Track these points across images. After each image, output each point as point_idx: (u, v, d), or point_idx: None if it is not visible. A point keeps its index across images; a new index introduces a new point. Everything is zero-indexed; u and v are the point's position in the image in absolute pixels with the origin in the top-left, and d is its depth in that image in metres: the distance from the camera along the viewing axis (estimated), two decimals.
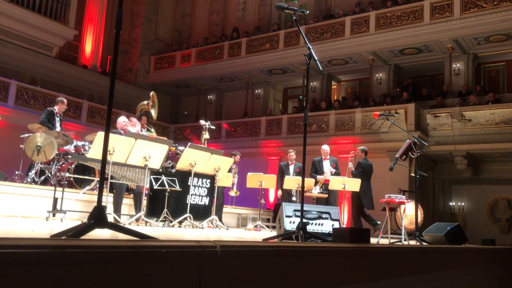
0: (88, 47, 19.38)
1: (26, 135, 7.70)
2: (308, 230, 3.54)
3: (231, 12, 20.77)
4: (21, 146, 7.82)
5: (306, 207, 4.33)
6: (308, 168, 8.43)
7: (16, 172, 8.51)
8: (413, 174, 6.04)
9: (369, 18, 15.50)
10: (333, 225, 4.49)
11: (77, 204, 6.81)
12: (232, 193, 9.14)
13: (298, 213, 4.01)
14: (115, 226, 2.13)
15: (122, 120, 6.84)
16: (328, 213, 4.56)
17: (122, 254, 1.49)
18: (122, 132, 6.57)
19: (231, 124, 17.84)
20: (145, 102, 8.72)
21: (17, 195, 6.44)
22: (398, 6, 15.20)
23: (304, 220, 3.52)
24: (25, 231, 3.22)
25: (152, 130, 8.08)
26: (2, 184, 6.68)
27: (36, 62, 16.97)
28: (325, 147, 8.73)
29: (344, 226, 7.77)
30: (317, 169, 8.45)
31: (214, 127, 9.25)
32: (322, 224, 4.45)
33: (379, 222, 7.52)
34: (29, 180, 7.78)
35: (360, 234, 3.34)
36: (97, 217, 1.97)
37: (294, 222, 4.27)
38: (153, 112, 8.35)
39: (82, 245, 1.41)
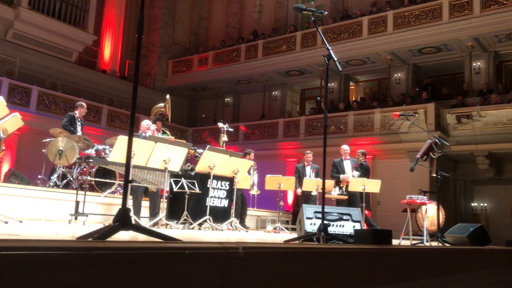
0: (106, 52, 19.63)
1: (48, 139, 7.83)
2: (329, 232, 3.52)
3: (248, 15, 20.82)
4: (43, 150, 7.95)
5: (327, 208, 4.31)
6: (329, 169, 8.38)
7: (39, 176, 8.64)
8: (434, 175, 5.96)
9: (387, 18, 15.38)
10: (354, 226, 4.46)
11: (98, 207, 6.89)
12: (253, 192, 9.09)
13: (319, 215, 3.99)
14: (140, 228, 2.16)
15: (145, 123, 6.93)
16: (349, 214, 4.53)
17: (147, 256, 1.51)
18: (145, 135, 6.64)
19: (249, 126, 17.86)
20: (161, 104, 8.79)
21: (40, 198, 6.55)
22: (416, 5, 15.05)
23: (325, 222, 3.51)
24: (50, 233, 3.28)
25: (168, 133, 8.13)
26: (25, 188, 6.80)
27: (57, 68, 17.26)
28: (345, 147, 8.65)
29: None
30: (338, 170, 8.38)
31: (232, 130, 9.28)
32: (343, 226, 4.42)
33: (377, 227, 7.49)
34: (51, 184, 7.90)
35: (382, 235, 3.31)
36: (122, 219, 1.99)
37: (314, 224, 4.25)
38: (169, 115, 8.41)
39: (108, 247, 1.43)
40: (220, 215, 7.50)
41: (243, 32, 20.61)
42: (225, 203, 7.75)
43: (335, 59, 3.60)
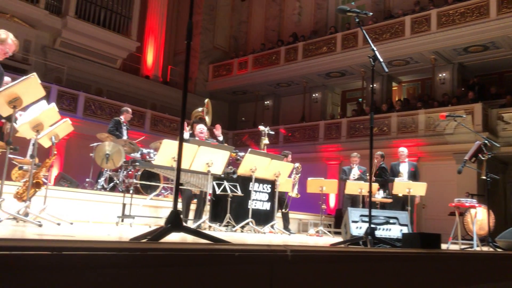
0: (149, 58, 20.12)
1: (95, 144, 8.08)
2: (376, 236, 3.46)
3: (287, 17, 20.81)
4: (90, 154, 8.22)
5: (373, 212, 4.24)
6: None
7: (87, 180, 8.94)
8: (484, 177, 5.75)
9: (430, 17, 14.99)
10: (401, 230, 4.36)
11: (144, 210, 7.05)
12: (293, 194, 9.04)
13: (365, 218, 3.93)
14: (191, 230, 2.19)
15: (199, 128, 7.09)
16: (396, 218, 4.43)
17: (198, 257, 1.53)
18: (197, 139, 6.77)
19: (289, 129, 17.83)
20: (200, 109, 8.90)
21: (88, 201, 6.77)
22: (461, 3, 14.58)
23: (372, 225, 3.45)
24: (101, 235, 3.38)
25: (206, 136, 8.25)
26: (74, 191, 7.05)
27: (102, 74, 17.83)
28: (402, 149, 8.45)
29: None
30: (394, 173, 8.21)
31: (273, 133, 9.28)
32: (390, 229, 4.33)
33: None
34: (98, 187, 8.15)
35: (430, 239, 3.22)
36: (174, 222, 2.03)
37: (360, 228, 4.19)
38: (207, 119, 8.45)
39: (162, 248, 1.46)
40: (262, 218, 7.52)
41: (282, 35, 20.61)
42: (267, 206, 7.76)
43: (381, 60, 3.54)
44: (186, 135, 7.07)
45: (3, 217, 4.26)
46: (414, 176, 8.15)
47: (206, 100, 8.84)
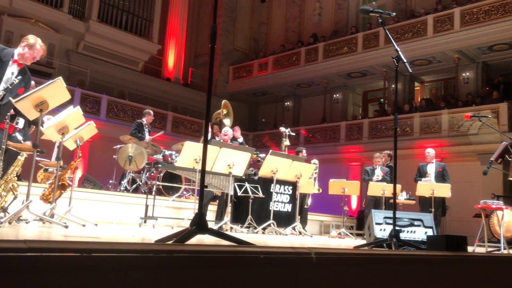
0: (170, 60, 20.32)
1: (118, 146, 8.18)
2: (401, 238, 3.41)
3: (307, 18, 20.74)
4: (114, 156, 8.32)
5: (397, 214, 4.19)
6: (399, 175, 8.14)
7: (110, 181, 9.05)
8: (510, 178, 5.63)
9: (453, 15, 14.75)
10: (426, 232, 4.30)
11: (166, 211, 7.11)
12: (315, 190, 8.95)
13: (389, 220, 3.88)
14: (215, 232, 2.20)
15: (224, 130, 7.16)
16: (421, 220, 4.37)
17: (224, 259, 1.53)
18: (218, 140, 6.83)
19: (310, 130, 17.76)
20: (218, 111, 8.95)
21: (112, 202, 6.86)
22: (485, 0, 14.30)
23: (396, 227, 3.41)
24: (126, 236, 3.42)
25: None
26: (98, 192, 7.15)
27: (124, 77, 18.09)
28: (429, 150, 8.31)
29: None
30: (421, 174, 8.09)
31: (294, 134, 9.25)
32: (414, 232, 4.27)
33: None
34: (122, 188, 8.25)
35: (456, 242, 3.17)
36: (199, 223, 2.04)
37: (384, 230, 4.14)
38: (228, 121, 8.42)
39: (188, 250, 1.47)
40: (283, 219, 7.50)
41: (302, 35, 20.55)
42: (288, 207, 7.74)
43: (405, 60, 3.49)
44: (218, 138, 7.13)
45: (30, 218, 4.35)
46: (442, 176, 8.00)
47: (223, 102, 8.87)
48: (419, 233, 4.31)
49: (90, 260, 1.32)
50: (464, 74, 15.97)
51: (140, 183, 8.19)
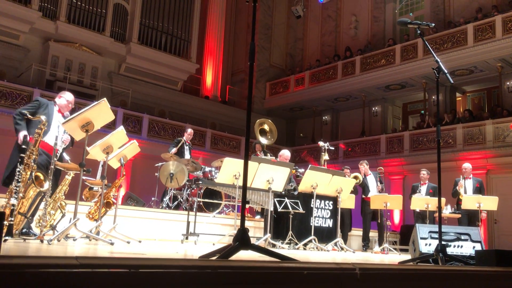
0: (208, 79, 20.69)
1: (160, 163, 8.35)
2: (447, 253, 3.31)
3: (343, 32, 20.69)
4: (156, 174, 8.50)
5: (443, 228, 4.07)
6: (444, 187, 7.95)
7: (152, 199, 9.23)
8: None
9: (495, 23, 14.35)
10: (474, 247, 4.14)
11: (207, 227, 7.17)
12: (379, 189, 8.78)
13: (434, 235, 3.77)
14: (259, 248, 2.21)
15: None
16: (468, 234, 4.22)
17: (268, 275, 1.54)
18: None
19: (348, 144, 17.56)
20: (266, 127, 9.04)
21: (154, 219, 6.98)
22: None
23: (443, 242, 3.31)
24: (170, 253, 3.47)
25: (268, 155, 8.37)
26: (141, 210, 7.30)
27: (164, 96, 18.54)
28: (465, 165, 8.11)
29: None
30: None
31: (332, 148, 9.18)
32: (461, 246, 4.13)
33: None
34: (164, 205, 8.40)
35: (507, 257, 3.04)
36: (242, 239, 2.06)
37: (430, 244, 4.02)
38: (264, 140, 8.20)
39: (232, 266, 1.48)
40: (324, 235, 7.42)
41: (339, 49, 20.48)
42: (329, 223, 7.65)
43: (446, 71, 3.43)
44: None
45: (77, 236, 4.49)
46: (479, 192, 7.77)
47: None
48: (467, 248, 4.16)
49: (138, 275, 1.36)
50: (508, 83, 15.46)
51: (182, 200, 8.30)
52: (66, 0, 15.94)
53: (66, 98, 4.94)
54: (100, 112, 4.23)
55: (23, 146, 4.12)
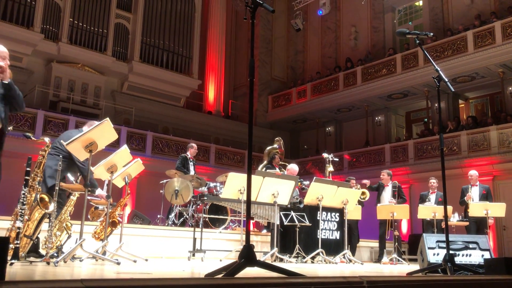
0: (211, 94, 20.80)
1: (165, 180, 8.35)
2: (456, 262, 3.28)
3: (343, 43, 20.78)
4: (160, 191, 8.49)
5: (450, 236, 4.03)
6: (451, 195, 7.93)
7: (158, 216, 9.21)
8: None
9: (494, 29, 14.38)
10: (483, 255, 4.10)
11: (214, 243, 7.14)
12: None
13: (442, 244, 3.74)
14: (265, 264, 2.20)
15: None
16: (476, 242, 4.18)
17: None
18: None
19: (353, 154, 17.52)
20: (276, 146, 9.25)
21: (160, 237, 6.96)
22: None
23: (450, 251, 3.28)
24: (176, 271, 3.46)
25: (284, 169, 8.48)
26: (147, 228, 7.28)
27: (167, 113, 18.62)
28: (471, 173, 8.10)
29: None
30: (463, 196, 7.86)
31: (337, 159, 9.18)
32: (470, 255, 4.09)
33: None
34: (169, 222, 8.37)
35: None
36: (247, 256, 2.05)
37: (438, 254, 3.99)
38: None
39: (238, 284, 1.48)
40: (332, 247, 7.37)
41: (339, 60, 20.56)
42: (336, 235, 7.60)
43: (446, 80, 3.43)
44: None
45: (84, 256, 4.48)
46: (486, 199, 7.73)
47: (278, 138, 9.21)
48: (475, 257, 4.12)
49: None
50: (510, 88, 15.45)
51: (187, 217, 8.28)
52: (67, 21, 16.12)
53: None
54: (103, 132, 4.25)
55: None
